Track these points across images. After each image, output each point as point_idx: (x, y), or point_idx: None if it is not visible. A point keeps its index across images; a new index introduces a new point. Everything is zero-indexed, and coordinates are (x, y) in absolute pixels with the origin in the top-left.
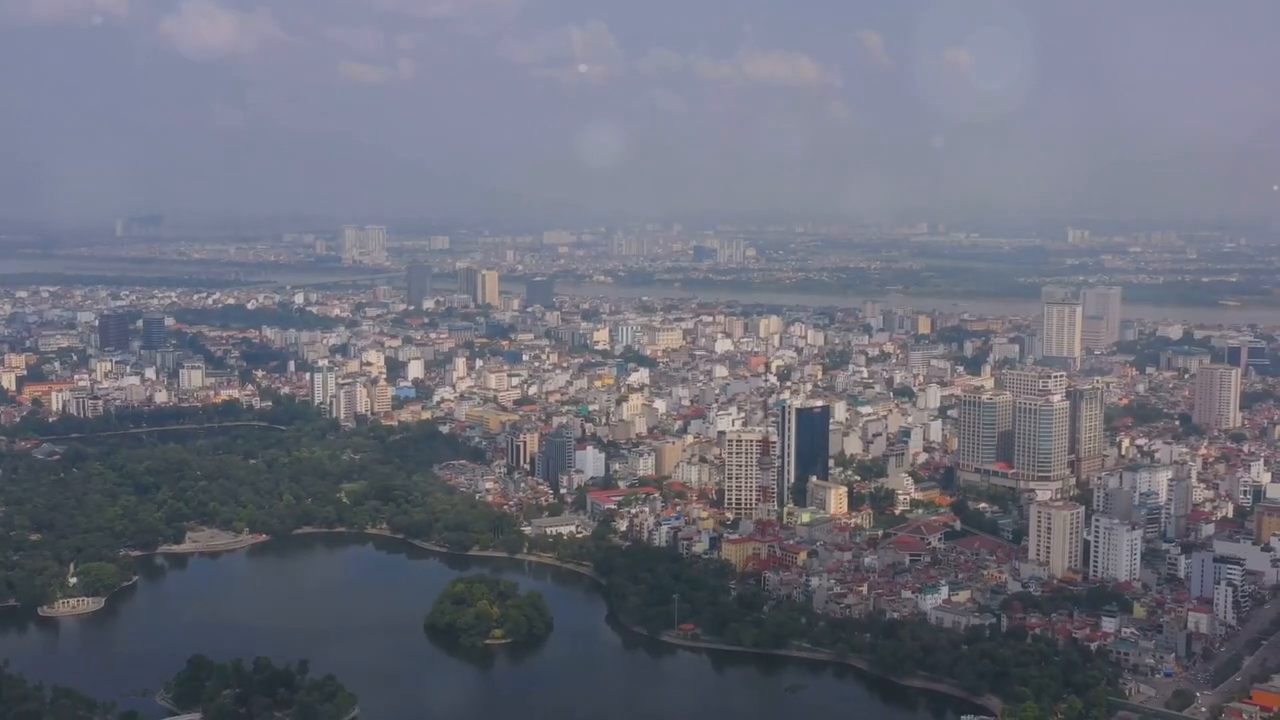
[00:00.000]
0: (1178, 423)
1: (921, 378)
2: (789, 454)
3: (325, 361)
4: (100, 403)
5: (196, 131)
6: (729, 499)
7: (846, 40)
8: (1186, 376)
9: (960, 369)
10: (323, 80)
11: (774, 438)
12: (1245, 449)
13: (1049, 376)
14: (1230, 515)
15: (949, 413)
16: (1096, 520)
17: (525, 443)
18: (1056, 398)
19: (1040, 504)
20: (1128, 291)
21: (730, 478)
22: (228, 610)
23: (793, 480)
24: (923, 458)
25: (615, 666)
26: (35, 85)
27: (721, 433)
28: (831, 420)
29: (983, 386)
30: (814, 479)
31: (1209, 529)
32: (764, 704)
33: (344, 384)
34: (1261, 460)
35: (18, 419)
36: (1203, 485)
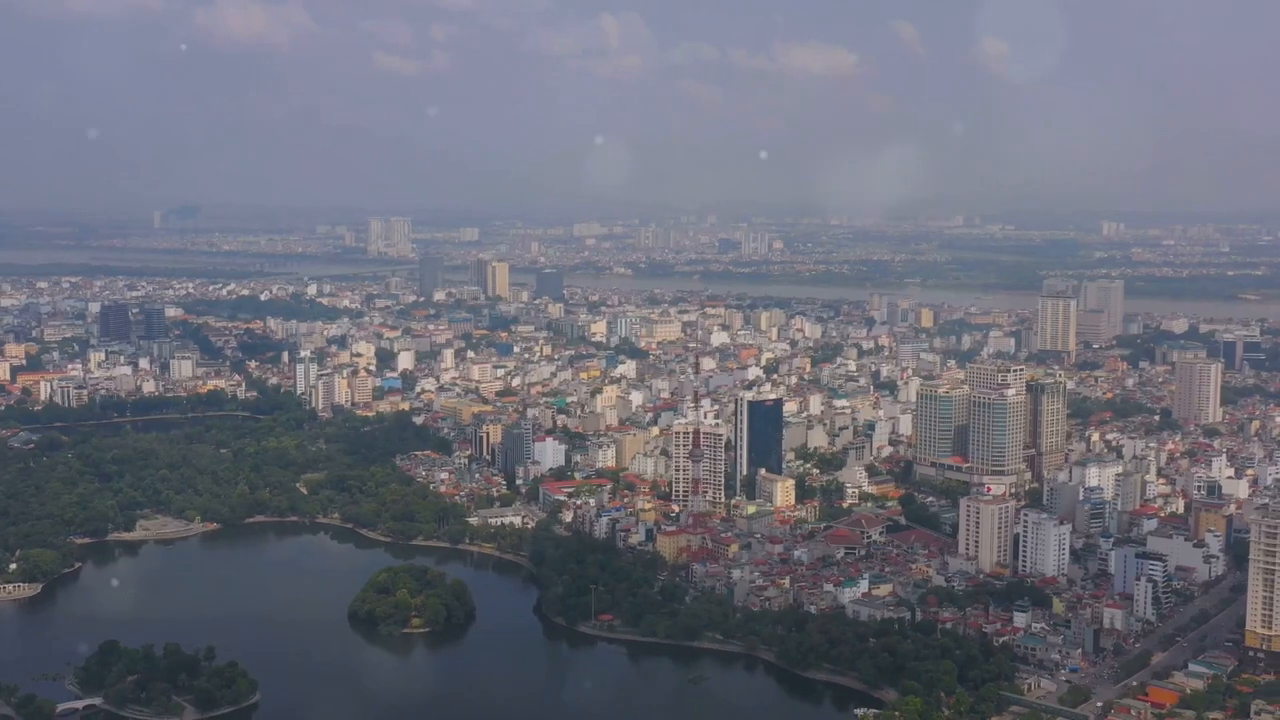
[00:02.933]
0: (1157, 417)
1: (909, 371)
2: (741, 446)
3: (308, 352)
4: (85, 392)
5: (233, 123)
6: (675, 491)
7: (881, 30)
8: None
9: (951, 363)
10: (356, 72)
11: (717, 430)
12: (1215, 444)
13: (1007, 370)
14: (1181, 511)
15: None
16: (1024, 515)
17: (488, 434)
18: (1012, 391)
19: (970, 498)
20: (1148, 285)
21: (676, 470)
22: (160, 597)
23: (745, 472)
24: (888, 451)
25: (526, 656)
26: (73, 78)
27: None
28: (805, 413)
29: (962, 380)
30: (763, 471)
31: (1151, 525)
32: (663, 695)
33: (323, 374)
34: (1224, 455)
35: (2, 408)
36: (1163, 481)
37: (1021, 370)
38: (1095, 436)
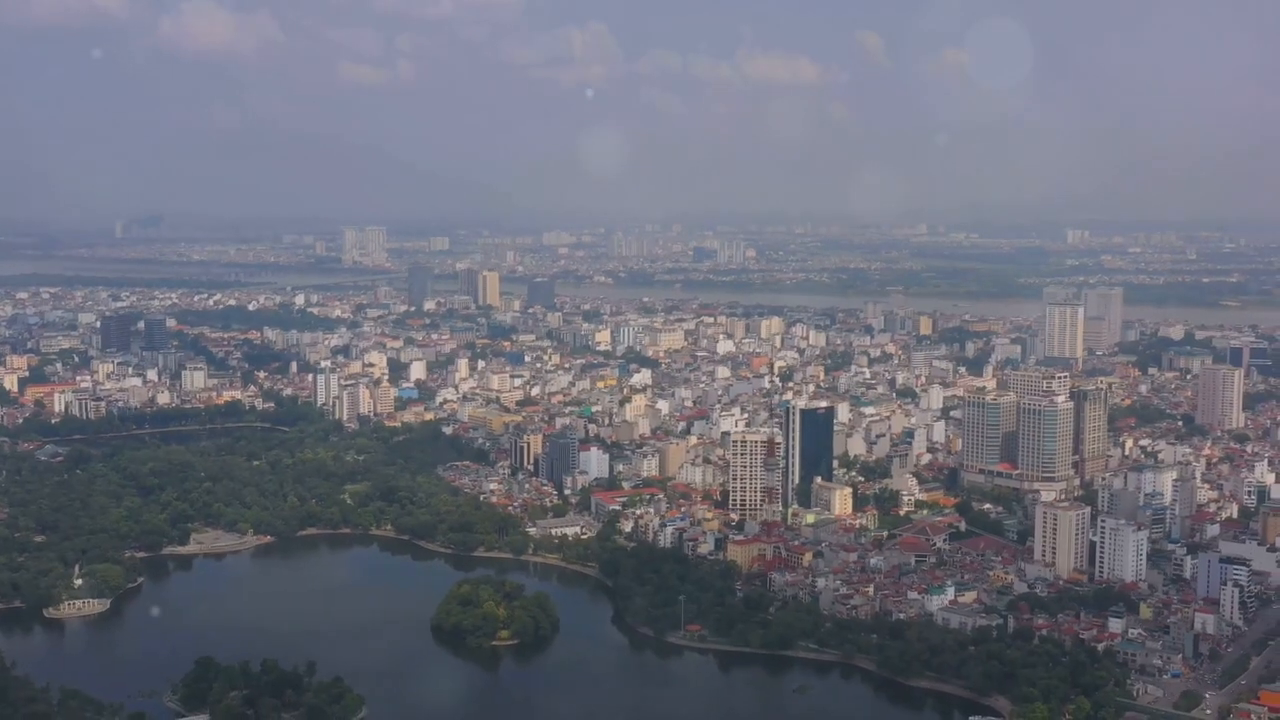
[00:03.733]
0: (1180, 423)
1: (924, 379)
2: (793, 455)
3: (327, 363)
4: (103, 404)
5: (196, 132)
6: (733, 500)
7: (846, 41)
8: (1189, 377)
9: (962, 370)
10: (322, 81)
11: (778, 439)
12: (1249, 449)
13: (1053, 377)
14: (1235, 516)
15: (952, 413)
16: (1102, 521)
17: (529, 444)
18: (1061, 398)
19: (1046, 505)
20: (1128, 292)
21: (735, 479)
22: (233, 611)
23: (797, 481)
24: (926, 458)
25: (622, 667)
26: (34, 86)
27: (726, 434)
28: (835, 421)
29: (985, 388)
30: (819, 480)
31: (1214, 530)
32: (771, 705)
33: (347, 385)
34: (1265, 461)
35: (20, 420)
36: (1207, 486)
37: (1066, 377)
38: (1129, 443)
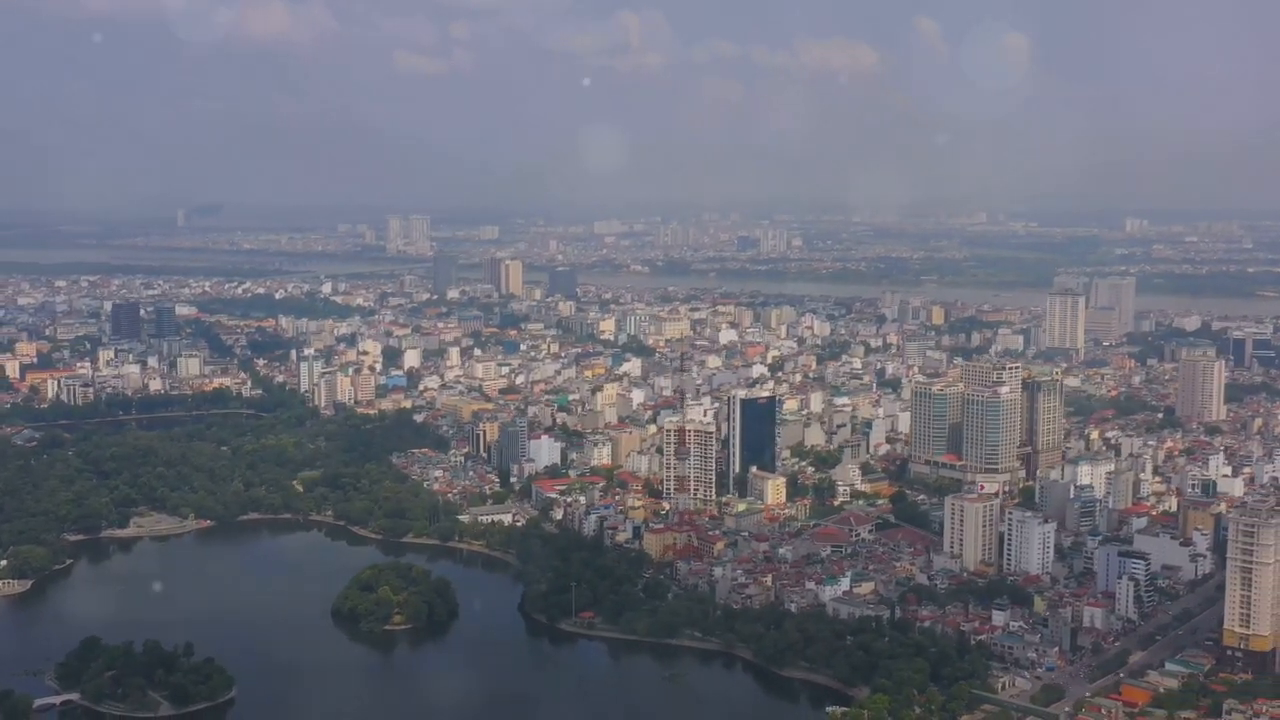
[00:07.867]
0: (1159, 415)
1: (914, 369)
2: (734, 444)
3: (311, 350)
4: (92, 390)
5: (257, 123)
6: (665, 489)
7: (903, 27)
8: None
9: (958, 360)
10: (378, 71)
11: (712, 427)
12: (1215, 442)
13: (1003, 368)
14: (1173, 509)
15: None
16: (1009, 513)
17: (484, 431)
18: (1006, 390)
19: (955, 496)
20: (1166, 282)
21: (666, 468)
22: (150, 594)
23: (738, 470)
24: (885, 449)
25: (506, 654)
26: (95, 77)
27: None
28: (806, 411)
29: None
30: (754, 469)
31: (1141, 523)
32: (640, 693)
33: (325, 373)
34: (1221, 454)
35: (9, 405)
36: (1159, 479)
37: (1018, 368)
38: (1095, 435)
